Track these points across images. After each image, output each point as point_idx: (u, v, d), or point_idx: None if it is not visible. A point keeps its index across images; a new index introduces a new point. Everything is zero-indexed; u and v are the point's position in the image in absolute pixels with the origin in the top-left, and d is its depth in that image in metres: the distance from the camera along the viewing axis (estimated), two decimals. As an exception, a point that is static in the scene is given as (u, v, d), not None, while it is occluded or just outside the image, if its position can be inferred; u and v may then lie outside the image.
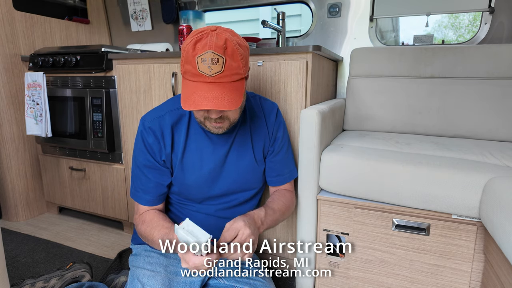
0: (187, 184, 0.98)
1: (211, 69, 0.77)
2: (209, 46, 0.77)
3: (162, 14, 2.16)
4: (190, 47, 0.78)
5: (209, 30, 0.80)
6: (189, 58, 0.78)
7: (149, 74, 1.46)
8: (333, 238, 1.13)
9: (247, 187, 1.04)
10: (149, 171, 0.96)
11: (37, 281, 1.16)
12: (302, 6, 1.91)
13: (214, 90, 0.78)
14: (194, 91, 0.79)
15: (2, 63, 1.75)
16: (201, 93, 0.78)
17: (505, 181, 0.83)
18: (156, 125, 0.93)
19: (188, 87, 0.80)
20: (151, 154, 0.94)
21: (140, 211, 1.00)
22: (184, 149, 0.95)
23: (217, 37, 0.79)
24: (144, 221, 0.95)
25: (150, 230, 0.91)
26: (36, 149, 1.94)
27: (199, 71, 0.78)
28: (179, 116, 0.95)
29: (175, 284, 0.95)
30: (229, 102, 0.79)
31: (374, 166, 1.02)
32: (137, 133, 0.97)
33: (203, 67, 0.77)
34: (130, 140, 1.59)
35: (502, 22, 1.50)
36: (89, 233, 1.76)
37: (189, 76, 0.80)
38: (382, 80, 1.54)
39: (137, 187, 0.99)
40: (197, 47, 0.78)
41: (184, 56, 0.80)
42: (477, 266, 0.96)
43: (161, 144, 0.94)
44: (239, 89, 0.82)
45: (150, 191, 0.97)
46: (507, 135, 1.35)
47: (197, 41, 0.78)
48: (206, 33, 0.79)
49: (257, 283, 1.03)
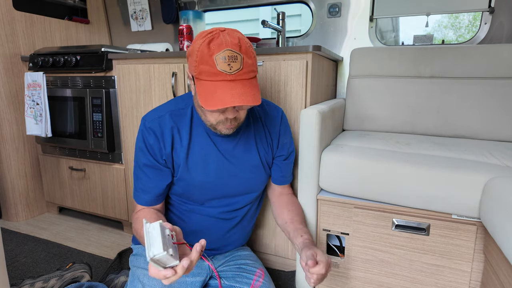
0: (192, 185, 0.97)
1: (231, 67, 0.77)
2: (226, 45, 0.77)
3: (162, 14, 2.16)
4: (204, 47, 0.78)
5: (218, 30, 0.80)
6: (205, 58, 0.77)
7: (149, 74, 1.47)
8: (333, 238, 1.13)
9: (250, 189, 1.04)
10: (149, 171, 0.96)
11: (37, 281, 1.16)
12: (302, 6, 1.91)
13: (237, 87, 0.78)
14: (215, 90, 0.78)
15: (2, 63, 1.75)
16: (224, 91, 0.77)
17: (505, 181, 0.83)
18: (156, 125, 0.93)
19: (208, 87, 0.79)
20: (152, 154, 0.94)
21: (136, 210, 1.00)
22: (188, 151, 0.95)
23: (230, 36, 0.79)
24: (138, 218, 0.95)
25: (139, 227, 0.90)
26: (36, 149, 1.94)
27: (218, 70, 0.77)
28: (180, 117, 0.95)
29: (176, 285, 0.96)
30: (253, 98, 0.79)
31: (374, 166, 1.02)
32: (138, 133, 0.97)
33: (222, 66, 0.77)
34: (130, 140, 1.59)
35: (502, 22, 1.50)
36: (89, 233, 1.76)
37: (206, 76, 0.79)
38: (382, 80, 1.54)
39: (138, 187, 0.99)
40: (212, 46, 0.77)
41: (198, 57, 0.78)
42: (477, 266, 0.96)
43: (161, 144, 0.93)
44: (256, 85, 0.83)
45: (150, 191, 0.97)
46: (507, 135, 1.35)
47: (210, 41, 0.78)
48: (216, 33, 0.79)
49: (257, 284, 1.03)
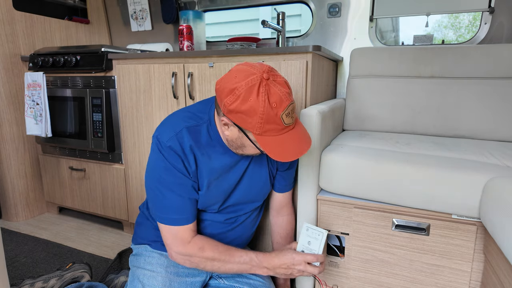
0: (211, 201, 0.96)
1: (292, 117, 0.80)
2: (286, 99, 0.77)
3: (162, 14, 2.16)
4: (267, 107, 0.75)
5: (260, 78, 0.76)
6: (272, 119, 0.76)
7: (149, 74, 1.47)
8: (333, 238, 1.13)
9: (256, 199, 1.05)
10: (180, 188, 0.89)
11: (37, 281, 1.16)
12: (302, 6, 1.91)
13: (297, 132, 0.82)
14: (283, 143, 0.79)
15: (2, 63, 1.75)
16: (292, 142, 0.80)
17: (505, 181, 0.83)
18: (175, 144, 0.87)
19: (275, 141, 0.79)
20: (179, 170, 0.88)
21: (185, 238, 0.91)
22: (209, 168, 0.92)
23: (280, 84, 0.78)
24: (204, 248, 0.90)
25: (223, 258, 0.91)
26: (36, 149, 1.94)
27: (285, 125, 0.78)
28: (196, 134, 0.90)
29: (176, 285, 0.95)
30: (308, 135, 0.85)
31: (374, 166, 1.02)
32: (154, 152, 0.89)
33: (288, 120, 0.79)
34: (130, 140, 1.59)
35: (502, 22, 1.50)
36: (89, 233, 1.76)
37: (272, 133, 0.78)
38: (382, 80, 1.54)
39: (168, 209, 0.89)
40: (273, 103, 0.75)
41: (264, 119, 0.76)
42: (477, 266, 0.96)
43: (184, 161, 0.88)
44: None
45: (186, 208, 0.90)
46: (507, 135, 1.35)
47: (268, 97, 0.75)
48: (265, 84, 0.76)
49: (257, 283, 1.03)
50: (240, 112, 0.76)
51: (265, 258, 0.93)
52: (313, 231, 0.95)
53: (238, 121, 0.78)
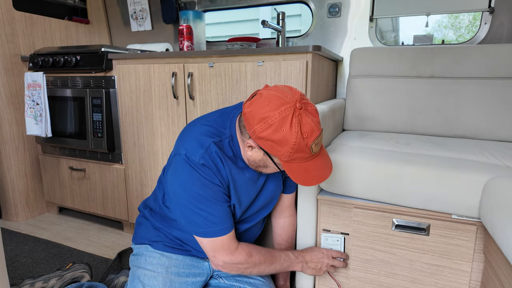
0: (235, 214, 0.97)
1: (319, 146, 0.81)
2: (317, 129, 0.78)
3: (162, 14, 2.16)
4: (299, 138, 0.75)
5: (294, 108, 0.76)
6: (302, 148, 0.77)
7: (149, 74, 1.47)
8: (333, 238, 1.13)
9: (270, 206, 1.08)
10: (218, 198, 0.89)
11: (37, 281, 1.16)
12: (302, 6, 1.91)
13: (321, 158, 0.84)
14: (308, 169, 0.81)
15: (2, 63, 1.75)
16: (316, 168, 0.82)
17: (505, 181, 0.83)
18: (207, 160, 0.86)
19: (300, 167, 0.80)
20: (217, 184, 0.88)
21: (232, 246, 0.91)
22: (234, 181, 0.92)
23: (311, 113, 0.78)
24: (251, 254, 0.93)
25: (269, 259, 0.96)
26: (36, 149, 1.94)
27: (312, 153, 0.80)
28: (222, 148, 0.89)
29: (177, 285, 0.96)
30: (330, 160, 0.87)
31: (374, 166, 1.02)
32: (185, 171, 0.86)
33: (316, 149, 0.80)
34: (130, 140, 1.59)
35: (502, 22, 1.50)
36: (89, 233, 1.76)
37: (299, 160, 0.80)
38: (382, 80, 1.54)
39: (210, 222, 0.88)
40: (304, 134, 0.76)
41: (294, 149, 0.76)
42: (477, 266, 0.96)
43: (218, 176, 0.88)
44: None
45: (226, 216, 0.90)
46: (507, 135, 1.35)
47: (300, 127, 0.76)
48: (298, 114, 0.76)
49: (257, 283, 1.03)
50: (271, 141, 0.77)
51: (299, 254, 1.02)
52: (332, 238, 1.06)
53: (267, 148, 0.79)
